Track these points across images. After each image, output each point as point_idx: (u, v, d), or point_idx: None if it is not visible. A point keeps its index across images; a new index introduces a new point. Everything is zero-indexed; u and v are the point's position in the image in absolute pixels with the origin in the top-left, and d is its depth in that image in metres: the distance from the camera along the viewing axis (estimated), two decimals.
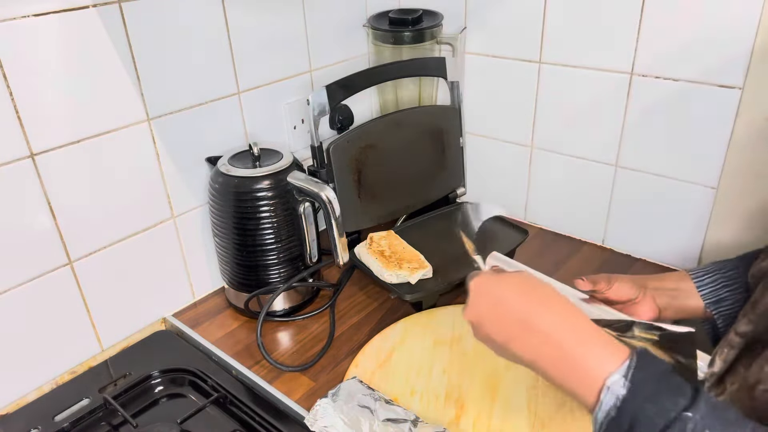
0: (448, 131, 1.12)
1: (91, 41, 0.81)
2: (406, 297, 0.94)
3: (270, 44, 1.04)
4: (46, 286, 0.84)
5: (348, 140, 0.99)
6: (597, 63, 1.02)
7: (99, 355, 0.93)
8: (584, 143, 1.09)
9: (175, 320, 1.00)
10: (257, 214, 0.91)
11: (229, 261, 0.97)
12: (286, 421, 0.79)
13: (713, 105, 0.92)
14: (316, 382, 0.87)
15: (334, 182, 0.98)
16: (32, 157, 0.79)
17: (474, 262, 0.77)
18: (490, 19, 1.12)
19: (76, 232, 0.86)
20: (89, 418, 0.82)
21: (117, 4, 0.82)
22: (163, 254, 0.98)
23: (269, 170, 0.92)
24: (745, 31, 0.86)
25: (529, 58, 1.10)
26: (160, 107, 0.91)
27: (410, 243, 1.05)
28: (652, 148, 1.01)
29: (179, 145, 0.95)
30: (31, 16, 0.75)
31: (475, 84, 1.19)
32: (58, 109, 0.80)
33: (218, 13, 0.95)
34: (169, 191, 0.96)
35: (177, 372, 0.89)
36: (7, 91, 0.75)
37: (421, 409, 0.78)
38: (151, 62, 0.88)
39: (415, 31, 1.11)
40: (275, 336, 0.97)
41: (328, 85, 0.93)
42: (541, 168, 1.17)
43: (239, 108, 1.03)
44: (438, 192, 1.15)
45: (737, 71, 0.89)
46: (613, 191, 1.09)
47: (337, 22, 1.15)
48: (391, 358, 0.86)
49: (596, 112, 1.05)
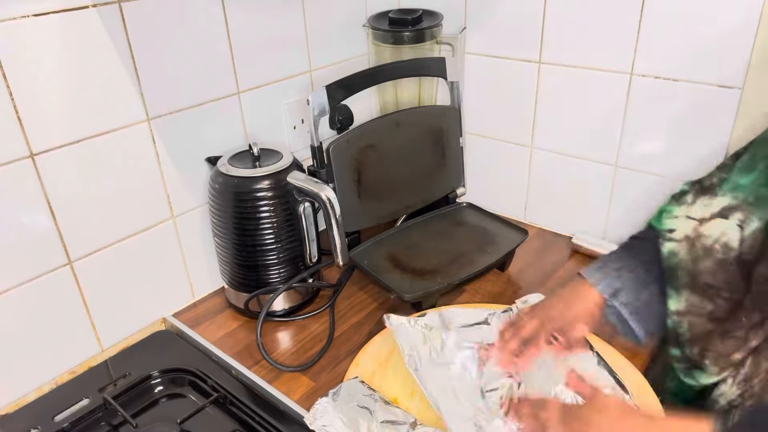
0: (448, 131, 1.12)
1: (91, 41, 0.81)
2: (406, 297, 0.94)
3: (270, 44, 1.04)
4: (46, 286, 0.84)
5: (348, 140, 0.99)
6: (597, 63, 1.02)
7: (99, 355, 0.93)
8: (584, 143, 1.09)
9: (175, 320, 1.00)
10: (257, 214, 0.91)
11: (229, 261, 0.97)
12: (286, 421, 0.79)
13: (713, 105, 0.92)
14: (316, 382, 0.87)
15: (334, 182, 0.98)
16: (32, 157, 0.79)
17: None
18: (490, 19, 1.12)
19: (76, 232, 0.86)
20: (89, 418, 0.82)
21: (117, 4, 0.82)
22: (163, 254, 0.98)
23: (269, 170, 0.92)
24: (744, 31, 0.86)
25: (529, 58, 1.10)
26: (160, 107, 0.91)
27: (410, 243, 1.06)
28: (652, 148, 1.01)
29: (179, 145, 0.95)
30: (31, 16, 0.75)
31: (475, 84, 1.19)
32: (58, 109, 0.80)
33: (218, 13, 0.95)
34: (169, 191, 0.96)
35: (177, 372, 0.89)
36: (7, 91, 0.75)
37: (421, 410, 0.78)
38: (151, 62, 0.88)
39: (415, 31, 1.11)
40: (275, 336, 0.97)
41: (328, 85, 0.93)
42: (541, 168, 1.17)
43: (239, 108, 1.03)
44: (438, 192, 1.15)
45: (737, 71, 0.89)
46: (613, 191, 1.09)
47: (337, 22, 1.15)
48: (391, 358, 0.86)
49: (596, 112, 1.06)
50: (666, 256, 0.75)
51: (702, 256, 0.72)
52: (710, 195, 0.75)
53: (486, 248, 1.04)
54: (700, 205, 0.75)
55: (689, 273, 0.73)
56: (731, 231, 0.71)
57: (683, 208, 0.76)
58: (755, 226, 0.70)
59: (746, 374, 0.67)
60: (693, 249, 0.73)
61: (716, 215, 0.73)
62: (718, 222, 0.72)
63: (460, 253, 1.03)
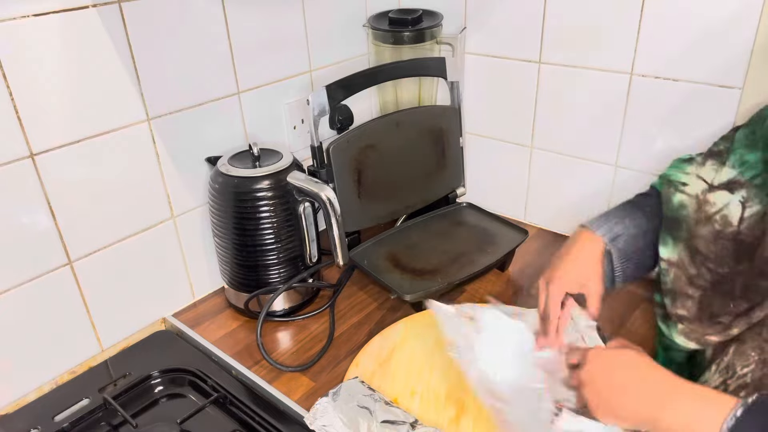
0: (448, 131, 1.12)
1: (91, 41, 0.81)
2: (406, 297, 0.94)
3: (270, 44, 1.04)
4: (46, 286, 0.84)
5: (348, 140, 0.99)
6: (597, 63, 1.02)
7: (99, 355, 0.93)
8: (584, 143, 1.09)
9: (175, 320, 1.00)
10: (257, 214, 0.91)
11: (229, 261, 0.97)
12: (286, 421, 0.79)
13: (713, 105, 0.92)
14: (316, 382, 0.87)
15: (334, 182, 0.98)
16: (32, 157, 0.79)
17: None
18: (490, 19, 1.12)
19: (76, 232, 0.86)
20: (89, 418, 0.82)
21: (117, 4, 0.82)
22: (163, 254, 0.98)
23: (269, 170, 0.92)
24: (744, 31, 0.86)
25: (529, 58, 1.10)
26: (160, 107, 0.91)
27: (410, 243, 1.06)
28: (652, 148, 1.01)
29: (179, 145, 0.95)
30: (31, 16, 0.75)
31: (475, 84, 1.19)
32: (58, 109, 0.80)
33: (218, 13, 0.95)
34: (169, 191, 0.96)
35: (177, 372, 0.89)
36: (7, 91, 0.75)
37: (422, 409, 0.78)
38: (151, 62, 0.88)
39: (415, 31, 1.11)
40: (275, 336, 0.97)
41: (328, 85, 0.93)
42: (541, 168, 1.17)
43: (239, 108, 1.03)
44: (438, 192, 1.15)
45: (737, 71, 0.89)
46: (613, 191, 1.09)
47: (337, 22, 1.15)
48: (391, 358, 0.86)
49: (596, 112, 1.05)
50: (675, 206, 0.78)
51: (703, 221, 0.75)
52: (719, 161, 0.77)
53: (486, 248, 1.04)
54: (709, 168, 0.77)
55: (689, 230, 0.76)
56: (733, 206, 0.73)
57: (694, 167, 0.79)
58: (756, 209, 0.71)
59: (728, 362, 0.68)
60: (699, 211, 0.76)
61: (723, 186, 0.75)
62: (724, 194, 0.74)
63: (460, 253, 1.03)
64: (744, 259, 0.71)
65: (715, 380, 0.69)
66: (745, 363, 0.67)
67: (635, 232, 0.82)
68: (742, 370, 0.67)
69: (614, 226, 0.82)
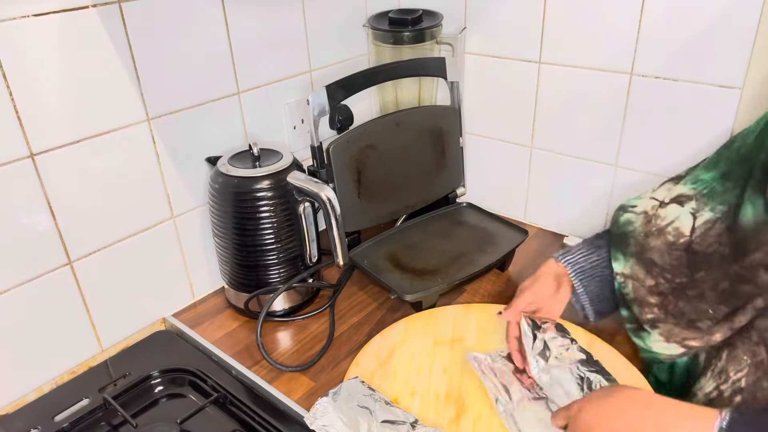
0: (448, 131, 1.12)
1: (91, 41, 0.81)
2: (406, 297, 0.94)
3: (270, 44, 1.04)
4: (46, 285, 0.84)
5: (348, 140, 0.99)
6: (597, 63, 1.02)
7: (99, 355, 0.93)
8: (584, 143, 1.09)
9: (175, 320, 1.00)
10: (257, 214, 0.91)
11: (229, 261, 0.97)
12: (286, 421, 0.79)
13: (713, 105, 0.92)
14: (316, 382, 0.87)
15: (334, 182, 0.98)
16: (32, 157, 0.79)
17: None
18: (490, 19, 1.12)
19: (76, 232, 0.86)
20: (89, 418, 0.82)
21: (117, 4, 0.82)
22: (163, 254, 0.98)
23: (269, 170, 0.92)
24: (744, 31, 0.86)
25: (528, 58, 1.10)
26: (160, 107, 0.91)
27: (410, 243, 1.06)
28: (652, 148, 1.01)
29: (179, 145, 0.95)
30: (31, 16, 0.75)
31: (475, 84, 1.19)
32: (58, 109, 0.80)
33: (218, 13, 0.95)
34: (169, 191, 0.96)
35: (177, 372, 0.89)
36: (7, 91, 0.75)
37: (422, 409, 0.78)
38: (151, 62, 0.88)
39: (415, 31, 1.11)
40: (275, 336, 0.97)
41: (328, 85, 0.93)
42: (541, 168, 1.17)
43: (239, 108, 1.03)
44: (438, 192, 1.15)
45: (737, 71, 0.89)
46: (613, 191, 1.09)
47: (337, 22, 1.15)
48: (391, 358, 0.86)
49: (596, 112, 1.05)
50: (621, 223, 0.82)
51: (654, 234, 0.78)
52: (674, 182, 0.82)
53: (486, 248, 1.04)
54: (664, 189, 0.82)
55: (639, 244, 0.79)
56: (684, 217, 0.76)
57: (649, 191, 0.83)
58: (707, 216, 0.74)
59: (721, 367, 0.69)
60: (648, 225, 0.79)
61: (674, 200, 0.79)
62: (674, 207, 0.78)
63: (460, 253, 1.03)
64: (701, 268, 0.73)
65: (710, 386, 0.69)
66: (739, 368, 0.67)
67: (592, 249, 0.86)
68: (735, 375, 0.67)
69: (575, 252, 0.87)
